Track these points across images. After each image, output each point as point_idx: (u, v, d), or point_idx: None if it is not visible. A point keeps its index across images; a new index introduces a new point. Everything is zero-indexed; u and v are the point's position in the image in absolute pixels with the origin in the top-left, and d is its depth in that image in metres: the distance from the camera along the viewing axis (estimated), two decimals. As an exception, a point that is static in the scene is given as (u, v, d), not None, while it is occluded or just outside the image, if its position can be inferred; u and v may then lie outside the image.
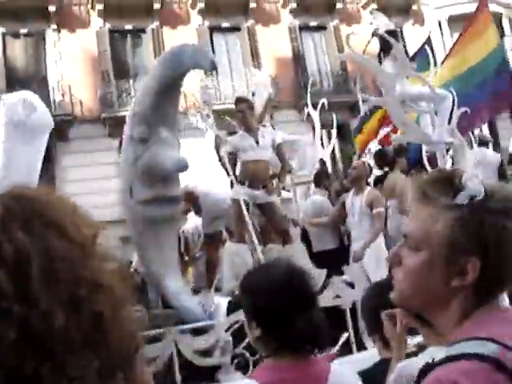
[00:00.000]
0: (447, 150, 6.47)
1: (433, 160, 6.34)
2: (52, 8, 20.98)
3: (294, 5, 24.04)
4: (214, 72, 22.17)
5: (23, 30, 21.10)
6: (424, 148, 6.47)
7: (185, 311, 5.33)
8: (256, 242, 6.27)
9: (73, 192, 19.90)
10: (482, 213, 1.24)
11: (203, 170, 7.66)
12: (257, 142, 6.76)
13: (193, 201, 7.46)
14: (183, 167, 5.50)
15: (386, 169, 8.06)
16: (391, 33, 6.97)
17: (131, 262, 6.96)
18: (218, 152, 6.62)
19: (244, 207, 6.33)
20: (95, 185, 18.59)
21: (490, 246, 1.24)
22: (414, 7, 25.98)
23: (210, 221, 7.19)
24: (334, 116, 8.82)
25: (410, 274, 1.33)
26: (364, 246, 6.86)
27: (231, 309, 5.04)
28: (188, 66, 5.22)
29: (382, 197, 7.22)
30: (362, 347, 4.94)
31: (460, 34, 8.83)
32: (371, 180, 8.21)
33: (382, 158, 7.88)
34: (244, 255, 6.30)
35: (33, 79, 20.94)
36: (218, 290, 6.32)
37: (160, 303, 6.04)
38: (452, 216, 1.26)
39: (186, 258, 8.07)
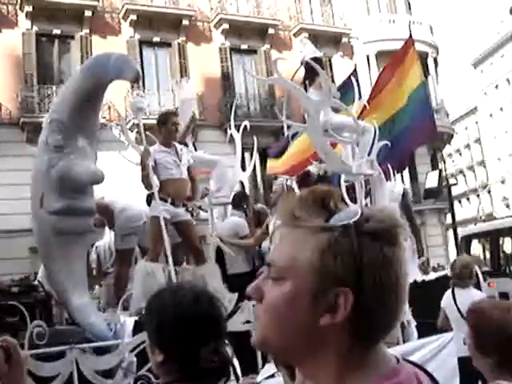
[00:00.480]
0: (366, 182, 6.55)
1: (351, 190, 6.40)
2: (-22, 5, 20.32)
3: (227, 26, 24.17)
4: (141, 85, 22.01)
5: None
6: (343, 178, 6.51)
7: (89, 328, 5.13)
8: (171, 261, 6.12)
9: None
10: (357, 236, 1.06)
11: (120, 185, 7.49)
12: (179, 160, 6.65)
13: (107, 215, 7.26)
14: (98, 179, 5.35)
15: None
16: (319, 61, 7.02)
17: (36, 274, 6.69)
18: (143, 165, 6.39)
19: (163, 225, 6.17)
20: (7, 191, 17.94)
21: (365, 274, 1.05)
22: (345, 39, 26.62)
23: (122, 237, 7.03)
24: (255, 139, 8.81)
25: (271, 310, 1.11)
26: None
27: (137, 329, 4.87)
28: (111, 75, 5.07)
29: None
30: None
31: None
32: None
33: (304, 181, 7.89)
34: (157, 275, 6.12)
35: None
36: (125, 308, 6.12)
37: (64, 319, 5.83)
38: (322, 240, 1.07)
39: (95, 273, 7.86)
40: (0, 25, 20.89)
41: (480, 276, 6.57)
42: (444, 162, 27.76)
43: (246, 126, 8.45)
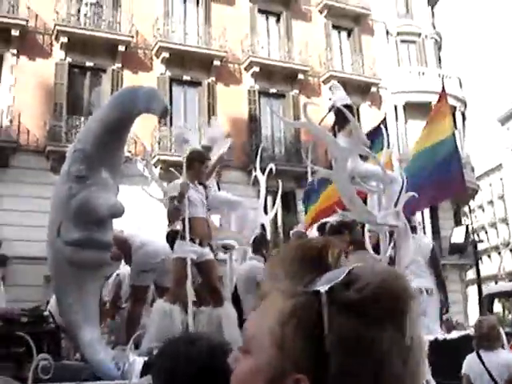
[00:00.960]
0: (390, 233, 6.40)
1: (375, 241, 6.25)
2: (15, 32, 20.64)
3: (257, 69, 24.35)
4: (169, 122, 22.16)
5: (-20, 51, 20.70)
6: (367, 227, 6.37)
7: (97, 365, 4.97)
8: (190, 304, 5.99)
9: (6, 222, 19.24)
10: (328, 306, 0.82)
11: (140, 220, 7.40)
12: (206, 198, 6.59)
13: (125, 249, 7.16)
14: (118, 213, 5.24)
15: None
16: (350, 109, 6.95)
17: (47, 303, 6.56)
18: (180, 197, 6.29)
19: (189, 267, 6.05)
20: (28, 218, 17.96)
21: (331, 360, 0.81)
22: (373, 89, 26.66)
23: (138, 273, 6.91)
24: (280, 183, 8.72)
25: None
26: None
27: (146, 370, 4.72)
28: (140, 108, 5.01)
29: None
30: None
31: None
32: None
33: (323, 231, 7.76)
34: (174, 317, 5.99)
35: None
36: (136, 347, 5.98)
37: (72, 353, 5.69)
38: (287, 307, 0.85)
39: (108, 306, 7.72)
40: (35, 54, 21.24)
41: (504, 337, 6.32)
42: (469, 218, 27.46)
43: (271, 168, 8.37)
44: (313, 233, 8.14)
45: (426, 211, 23.85)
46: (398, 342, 0.83)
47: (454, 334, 7.35)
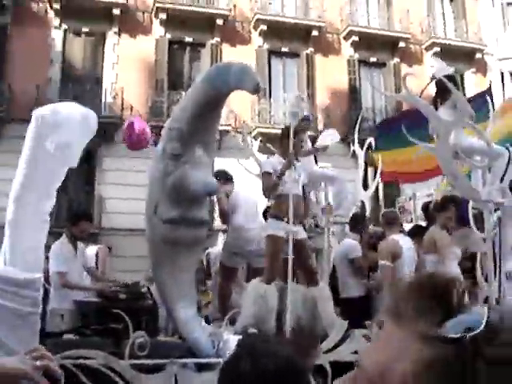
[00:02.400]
0: (495, 210, 6.06)
1: (479, 219, 5.95)
2: (116, 11, 21.21)
3: (357, 38, 23.83)
4: (268, 95, 22.11)
5: (85, 29, 21.35)
6: (471, 204, 6.06)
7: (192, 343, 5.00)
8: (290, 282, 5.91)
9: (110, 195, 19.95)
10: (473, 359, 0.74)
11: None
12: (298, 175, 6.45)
13: (225, 221, 7.23)
14: (212, 190, 5.24)
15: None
16: (452, 79, 6.59)
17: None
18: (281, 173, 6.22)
19: (284, 245, 5.98)
20: (134, 191, 18.44)
21: None
22: (478, 56, 25.49)
23: (229, 254, 6.89)
24: (380, 156, 8.42)
25: None
26: None
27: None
28: (231, 85, 4.93)
29: (384, 249, 6.91)
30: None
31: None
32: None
33: (425, 212, 7.50)
34: (269, 298, 5.94)
35: (88, 78, 21.14)
36: (232, 323, 6.00)
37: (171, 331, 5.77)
38: (426, 353, 0.77)
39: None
40: (135, 31, 21.72)
41: None
42: None
43: (370, 142, 8.11)
44: (410, 207, 7.84)
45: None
46: None
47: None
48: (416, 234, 7.46)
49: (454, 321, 0.78)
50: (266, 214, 7.23)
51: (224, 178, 7.35)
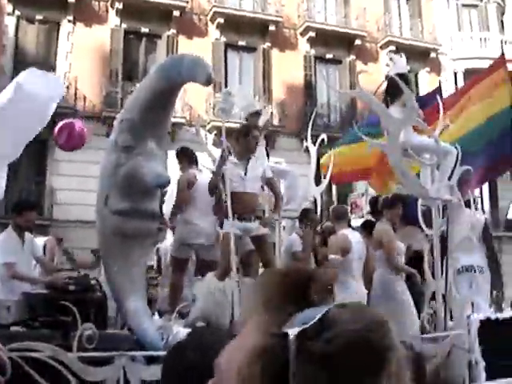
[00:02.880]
0: (444, 207, 6.20)
1: (427, 215, 6.07)
2: (71, -1, 20.86)
3: (313, 34, 23.96)
4: (224, 88, 22.08)
5: (39, 17, 20.94)
6: (420, 202, 6.18)
7: (141, 336, 4.98)
8: (233, 276, 5.97)
9: (62, 187, 19.66)
10: (299, 353, 0.74)
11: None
12: (245, 174, 6.46)
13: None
14: (164, 182, 5.22)
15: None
16: (404, 77, 6.70)
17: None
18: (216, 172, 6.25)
19: (232, 242, 6.02)
20: (86, 182, 18.22)
21: None
22: (433, 55, 25.91)
23: (179, 246, 6.88)
24: (333, 153, 8.53)
25: None
26: None
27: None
28: (184, 77, 4.92)
29: (334, 244, 7.03)
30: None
31: (466, 86, 8.63)
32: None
33: (372, 207, 7.62)
34: (223, 294, 5.98)
35: (41, 67, 20.53)
36: (181, 316, 5.99)
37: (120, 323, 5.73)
38: (259, 347, 0.78)
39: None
40: (90, 20, 21.43)
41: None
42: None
43: (323, 139, 8.18)
44: (362, 203, 7.96)
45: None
46: None
47: (507, 313, 7.12)
48: (366, 228, 7.58)
49: (298, 316, 0.79)
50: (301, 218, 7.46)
51: (189, 157, 7.26)
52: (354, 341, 0.74)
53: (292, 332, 0.76)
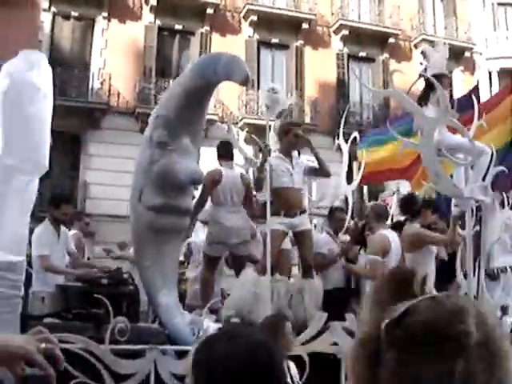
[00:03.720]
0: (477, 208, 6.13)
1: (461, 216, 6.02)
2: (105, -4, 21.10)
3: (347, 32, 23.85)
4: (256, 86, 22.10)
5: (74, 13, 21.18)
6: (453, 202, 6.13)
7: (172, 330, 5.05)
8: (269, 274, 6.00)
9: (94, 181, 19.88)
10: (385, 340, 0.85)
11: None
12: (293, 168, 6.56)
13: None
14: (197, 180, 5.28)
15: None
16: (443, 76, 6.66)
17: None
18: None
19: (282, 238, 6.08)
20: (118, 177, 18.40)
21: None
22: (467, 54, 25.61)
23: (211, 244, 6.90)
24: (364, 151, 8.50)
25: None
26: None
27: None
28: (220, 76, 4.96)
29: (374, 244, 6.96)
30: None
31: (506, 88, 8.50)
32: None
33: (408, 205, 7.49)
34: (261, 290, 6.00)
35: (75, 63, 20.99)
36: (212, 312, 6.03)
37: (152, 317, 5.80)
38: (360, 337, 0.92)
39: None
40: (125, 17, 21.61)
41: None
42: None
43: (355, 137, 8.14)
44: (392, 200, 7.90)
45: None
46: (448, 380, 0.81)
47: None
48: (397, 228, 7.51)
49: (402, 306, 0.86)
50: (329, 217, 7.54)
51: (222, 152, 7.26)
52: (427, 326, 0.82)
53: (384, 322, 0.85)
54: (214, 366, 1.63)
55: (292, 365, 4.46)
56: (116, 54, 20.93)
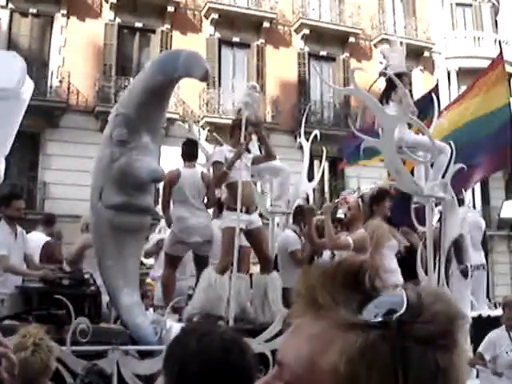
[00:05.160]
0: (436, 205, 6.22)
1: (420, 213, 6.08)
2: (65, -7, 20.78)
3: (307, 31, 23.96)
4: (217, 84, 22.07)
5: (32, 10, 20.80)
6: (413, 199, 6.19)
7: (134, 329, 5.00)
8: (235, 272, 5.99)
9: (54, 181, 19.60)
10: (401, 340, 0.75)
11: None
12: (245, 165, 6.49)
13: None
14: (158, 178, 5.25)
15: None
16: (403, 75, 6.74)
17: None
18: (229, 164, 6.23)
19: (237, 236, 6.04)
20: (78, 177, 18.13)
21: None
22: (426, 54, 25.95)
23: (173, 243, 6.87)
24: (325, 149, 8.54)
25: None
26: None
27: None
28: (180, 72, 4.93)
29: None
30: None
31: (467, 87, 8.67)
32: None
33: (379, 197, 7.53)
34: (222, 288, 5.98)
35: (34, 60, 20.60)
36: (175, 311, 6.00)
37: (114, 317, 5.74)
38: (352, 342, 0.76)
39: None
40: (84, 14, 21.33)
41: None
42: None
43: (316, 135, 8.18)
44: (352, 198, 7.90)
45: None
46: (462, 366, 0.80)
47: (498, 311, 7.16)
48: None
49: (372, 304, 0.78)
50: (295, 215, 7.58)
51: (184, 151, 7.23)
52: (448, 317, 0.78)
53: (386, 318, 0.76)
54: (186, 361, 1.62)
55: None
56: (75, 51, 20.64)
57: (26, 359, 3.06)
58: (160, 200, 7.30)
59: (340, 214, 7.03)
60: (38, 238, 7.80)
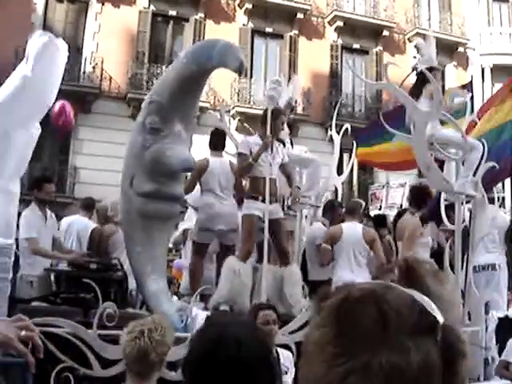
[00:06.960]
0: (467, 203, 6.17)
1: (450, 210, 6.05)
2: (100, -21, 20.90)
3: (341, 24, 23.81)
4: (249, 75, 22.05)
5: (68, -4, 20.99)
6: (443, 196, 6.15)
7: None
8: (265, 261, 6.01)
9: (84, 165, 19.80)
10: None
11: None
12: (273, 159, 6.50)
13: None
14: (189, 167, 5.25)
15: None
16: (435, 70, 6.67)
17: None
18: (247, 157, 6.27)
19: (256, 224, 6.06)
20: (108, 163, 18.31)
21: None
22: (461, 49, 25.64)
23: (199, 231, 6.90)
24: (355, 143, 8.52)
25: None
26: None
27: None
28: (215, 63, 4.93)
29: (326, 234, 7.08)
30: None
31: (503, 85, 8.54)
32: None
33: (419, 194, 7.36)
34: (244, 275, 6.02)
35: (68, 46, 20.78)
36: (202, 300, 6.04)
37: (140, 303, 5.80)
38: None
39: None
40: (119, 1, 21.46)
41: None
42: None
43: (347, 128, 8.16)
44: (381, 195, 7.91)
45: (507, 180, 23.01)
46: None
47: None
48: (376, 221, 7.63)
49: None
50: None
51: (212, 140, 7.27)
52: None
53: None
54: (203, 354, 1.64)
55: (283, 351, 4.48)
56: (109, 38, 20.78)
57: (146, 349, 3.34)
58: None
59: (372, 210, 7.03)
60: (83, 223, 7.92)
